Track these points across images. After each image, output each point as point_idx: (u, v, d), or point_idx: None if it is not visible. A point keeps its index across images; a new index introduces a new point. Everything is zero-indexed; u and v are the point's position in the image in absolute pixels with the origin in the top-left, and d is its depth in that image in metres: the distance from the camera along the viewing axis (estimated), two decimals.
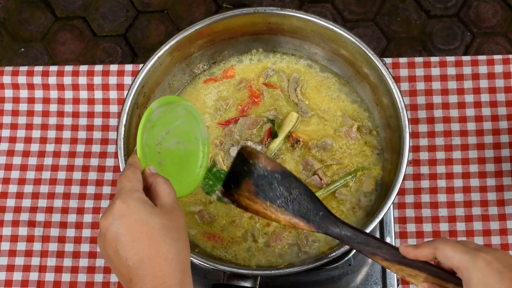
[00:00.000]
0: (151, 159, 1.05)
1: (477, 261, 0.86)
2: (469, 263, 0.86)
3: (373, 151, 1.29)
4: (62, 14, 2.38)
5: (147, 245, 0.88)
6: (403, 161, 1.15)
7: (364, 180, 1.26)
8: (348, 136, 1.29)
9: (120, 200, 0.91)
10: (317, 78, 1.35)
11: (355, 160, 1.28)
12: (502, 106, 1.52)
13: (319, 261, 1.11)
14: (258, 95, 1.33)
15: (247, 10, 1.27)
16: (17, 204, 1.51)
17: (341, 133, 1.29)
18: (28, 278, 1.47)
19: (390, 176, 1.20)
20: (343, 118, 1.31)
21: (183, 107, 1.14)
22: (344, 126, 1.30)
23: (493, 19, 2.28)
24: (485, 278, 0.84)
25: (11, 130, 1.57)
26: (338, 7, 2.33)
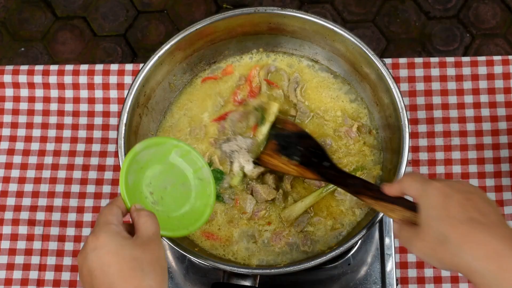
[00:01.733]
0: (141, 199, 1.02)
1: (428, 188, 0.89)
2: (421, 191, 0.90)
3: (372, 151, 1.29)
4: (62, 13, 2.38)
5: (117, 277, 0.86)
6: (402, 161, 1.15)
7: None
8: (348, 136, 1.29)
9: (92, 234, 0.89)
10: (317, 79, 1.35)
11: (355, 159, 1.28)
12: (501, 107, 1.53)
13: (319, 260, 1.11)
14: (256, 90, 1.33)
15: (248, 10, 1.27)
16: (17, 203, 1.52)
17: (341, 133, 1.29)
18: (28, 277, 1.47)
19: (390, 176, 1.20)
20: (343, 118, 1.31)
21: (176, 147, 1.10)
22: (344, 126, 1.30)
23: (492, 20, 2.28)
24: (432, 202, 0.88)
25: (12, 129, 1.57)
26: (337, 7, 2.33)
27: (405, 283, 1.44)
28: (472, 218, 0.84)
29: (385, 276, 1.32)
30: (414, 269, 1.45)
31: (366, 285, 1.33)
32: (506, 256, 0.79)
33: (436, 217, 0.86)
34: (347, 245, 1.11)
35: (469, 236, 0.82)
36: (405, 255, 1.46)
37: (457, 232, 0.83)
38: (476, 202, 0.86)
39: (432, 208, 0.87)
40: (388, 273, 1.32)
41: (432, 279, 1.44)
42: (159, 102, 1.32)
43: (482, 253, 0.81)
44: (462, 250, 0.82)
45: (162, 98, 1.32)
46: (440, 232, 0.85)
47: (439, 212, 0.86)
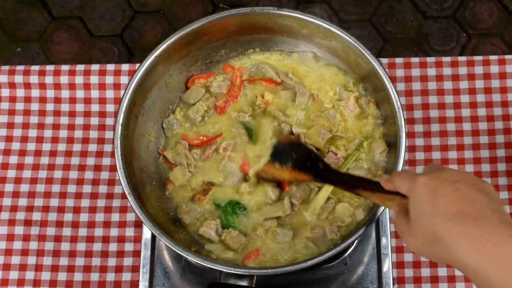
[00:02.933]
0: None
1: (415, 184, 0.88)
2: (409, 188, 0.89)
3: (376, 121, 1.29)
4: (59, 14, 2.38)
5: None
6: (399, 161, 1.15)
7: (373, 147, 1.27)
8: (348, 109, 1.29)
9: None
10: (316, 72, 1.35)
11: (360, 131, 1.28)
12: (497, 107, 1.53)
13: (315, 260, 1.11)
14: (236, 93, 1.33)
15: (244, 10, 1.27)
16: (14, 203, 1.51)
17: (341, 107, 1.29)
18: (24, 277, 1.47)
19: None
20: (340, 91, 1.31)
21: None
22: (342, 100, 1.30)
23: (489, 20, 2.28)
24: (420, 198, 0.87)
25: (8, 129, 1.57)
26: (334, 7, 2.33)
27: (402, 282, 1.44)
28: (461, 212, 0.82)
29: (381, 276, 1.32)
30: (411, 269, 1.45)
31: (363, 284, 1.33)
32: (496, 249, 0.78)
33: (424, 214, 0.85)
34: (344, 245, 1.11)
35: (457, 232, 0.81)
36: (402, 255, 1.46)
37: (446, 229, 0.82)
38: (464, 192, 0.85)
39: (420, 204, 0.87)
40: (385, 273, 1.32)
41: (428, 279, 1.44)
42: (156, 102, 1.31)
43: (471, 249, 0.79)
44: (452, 247, 0.81)
45: (159, 98, 1.32)
46: (430, 229, 0.84)
47: (427, 209, 0.85)
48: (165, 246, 1.35)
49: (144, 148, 1.29)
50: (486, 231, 0.80)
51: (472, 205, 0.83)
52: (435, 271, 1.45)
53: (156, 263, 1.35)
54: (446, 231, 0.82)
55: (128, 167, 1.18)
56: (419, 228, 0.86)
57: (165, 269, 1.34)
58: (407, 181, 0.91)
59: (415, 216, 0.87)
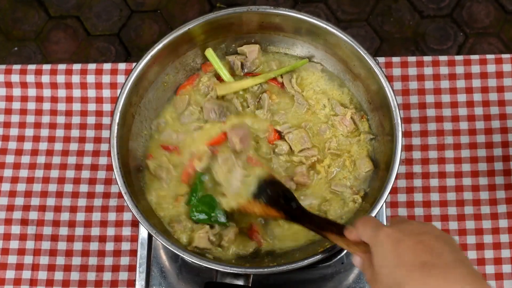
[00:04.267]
0: None
1: (378, 235, 0.88)
2: (372, 238, 0.89)
3: (366, 137, 1.29)
4: (55, 13, 2.38)
5: None
6: (395, 160, 1.15)
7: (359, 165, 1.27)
8: (343, 125, 1.29)
9: None
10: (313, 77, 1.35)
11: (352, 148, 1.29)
12: (494, 106, 1.53)
13: (312, 259, 1.11)
14: None
15: (240, 9, 1.27)
16: (10, 203, 1.51)
17: (336, 122, 1.29)
18: (21, 277, 1.47)
19: (383, 175, 1.20)
20: (335, 107, 1.31)
21: None
22: (338, 115, 1.30)
23: (486, 19, 2.28)
24: (383, 249, 0.86)
25: (4, 129, 1.57)
26: (331, 7, 2.33)
27: None
28: (425, 263, 0.81)
29: None
30: None
31: (359, 284, 1.33)
32: None
33: (387, 266, 0.85)
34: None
35: (422, 283, 0.80)
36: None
37: (411, 280, 0.81)
38: (428, 243, 0.84)
39: (383, 256, 0.86)
40: None
41: None
42: (152, 101, 1.31)
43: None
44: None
45: (155, 97, 1.32)
46: (394, 280, 0.83)
47: (390, 260, 0.84)
48: (162, 246, 1.35)
49: (140, 148, 1.29)
50: (451, 282, 0.79)
51: (437, 256, 0.82)
52: None
53: (152, 263, 1.35)
54: (411, 282, 0.81)
55: (124, 167, 1.18)
56: (383, 279, 0.86)
57: (162, 268, 1.34)
58: (370, 230, 0.90)
59: (378, 267, 0.87)
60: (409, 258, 0.82)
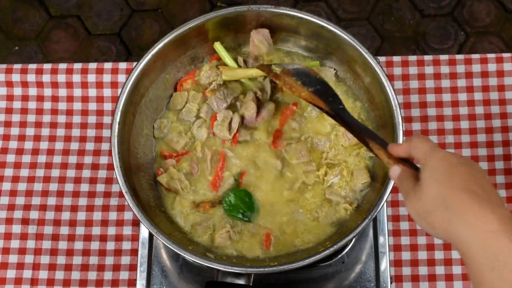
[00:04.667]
0: None
1: (436, 153, 0.89)
2: (429, 154, 0.90)
3: (367, 153, 1.29)
4: (56, 12, 2.38)
5: None
6: None
7: (356, 175, 1.27)
8: (346, 136, 1.29)
9: None
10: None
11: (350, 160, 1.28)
12: (495, 105, 1.53)
13: (313, 258, 1.11)
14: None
15: (241, 8, 1.27)
16: (11, 202, 1.51)
17: (339, 133, 1.29)
18: (22, 276, 1.47)
19: (384, 174, 1.20)
20: None
21: None
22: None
23: (486, 18, 2.28)
24: (437, 166, 0.87)
25: (5, 128, 1.57)
26: (332, 6, 2.33)
27: (400, 281, 1.44)
28: (475, 192, 0.83)
29: (379, 274, 1.32)
30: (409, 267, 1.45)
31: (360, 283, 1.33)
32: (501, 236, 0.79)
33: (439, 180, 0.86)
34: (341, 243, 1.11)
35: (469, 206, 0.82)
36: (400, 253, 1.46)
37: (458, 200, 0.82)
38: (480, 178, 0.86)
39: (436, 171, 0.87)
40: (382, 271, 1.32)
41: (426, 277, 1.44)
42: (153, 100, 1.31)
43: (479, 226, 0.80)
44: (459, 218, 0.81)
45: (156, 96, 1.32)
46: (440, 196, 0.84)
47: (443, 177, 0.86)
48: (163, 245, 1.35)
49: (141, 147, 1.29)
50: (497, 216, 0.80)
51: (487, 194, 0.84)
52: (433, 270, 1.45)
53: (153, 262, 1.35)
54: (458, 201, 0.82)
55: (125, 166, 1.18)
56: (428, 191, 0.87)
57: (163, 268, 1.34)
58: (428, 147, 0.91)
59: (428, 179, 0.88)
60: (461, 183, 0.84)
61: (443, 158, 0.88)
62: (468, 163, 0.88)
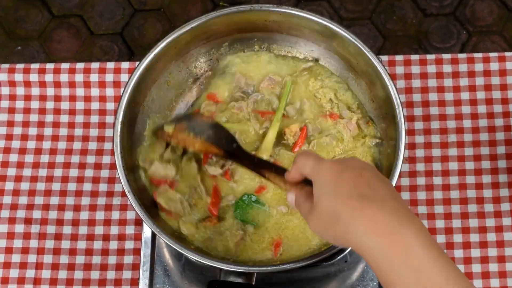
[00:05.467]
0: None
1: (321, 165, 0.89)
2: (314, 169, 0.90)
3: (371, 141, 1.29)
4: (58, 12, 2.38)
5: None
6: (399, 158, 1.15)
7: None
8: (347, 129, 1.29)
9: None
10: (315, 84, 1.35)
11: (357, 151, 1.29)
12: (498, 104, 1.53)
13: (315, 258, 1.11)
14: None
15: (243, 7, 1.27)
16: (14, 202, 1.51)
17: (340, 126, 1.29)
18: (25, 276, 1.47)
19: (386, 173, 1.20)
20: (342, 110, 1.31)
21: None
22: (344, 118, 1.30)
23: (489, 17, 2.28)
24: (324, 179, 0.87)
25: (8, 128, 1.57)
26: (334, 5, 2.33)
27: None
28: (363, 194, 0.83)
29: None
30: None
31: (363, 282, 1.33)
32: (395, 231, 0.79)
33: (327, 194, 0.86)
34: None
35: (358, 211, 0.82)
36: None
37: (347, 208, 0.83)
38: (367, 177, 0.86)
39: (324, 185, 0.87)
40: None
41: None
42: (155, 100, 1.32)
43: (371, 228, 0.80)
44: (352, 225, 0.82)
45: (158, 96, 1.32)
46: (331, 209, 0.85)
47: (330, 189, 0.86)
48: (165, 244, 1.35)
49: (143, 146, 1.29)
50: (387, 212, 0.81)
51: (374, 189, 0.84)
52: None
53: (156, 261, 1.35)
54: (347, 210, 0.83)
55: (127, 165, 1.18)
56: (321, 207, 0.87)
57: (165, 267, 1.34)
58: (312, 162, 0.91)
59: (318, 196, 0.88)
60: (349, 189, 0.84)
61: (328, 169, 0.88)
62: (354, 165, 0.88)
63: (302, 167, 0.94)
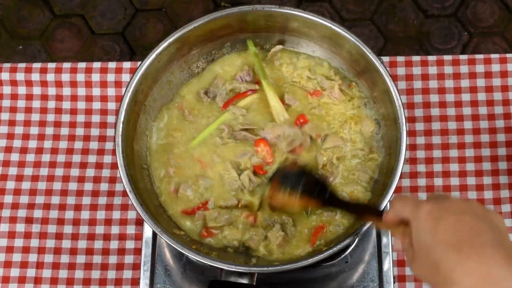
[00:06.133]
0: None
1: (418, 211, 0.87)
2: (412, 214, 0.89)
3: (361, 101, 1.30)
4: (60, 11, 2.38)
5: None
6: (400, 159, 1.15)
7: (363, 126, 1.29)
8: (332, 97, 1.30)
9: None
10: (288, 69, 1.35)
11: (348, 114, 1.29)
12: (498, 105, 1.53)
13: (316, 258, 1.11)
14: None
15: (245, 8, 1.27)
16: (15, 201, 1.52)
17: (324, 97, 1.30)
18: (26, 275, 1.47)
19: (387, 174, 1.20)
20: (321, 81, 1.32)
21: None
22: (326, 89, 1.31)
23: (490, 19, 2.28)
24: (422, 225, 0.86)
25: (9, 127, 1.57)
26: (336, 6, 2.33)
27: (403, 281, 1.44)
28: (462, 242, 0.81)
29: (382, 274, 1.32)
30: None
31: (364, 283, 1.33)
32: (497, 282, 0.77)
33: (425, 242, 0.85)
34: (345, 243, 1.11)
35: (458, 264, 0.80)
36: (403, 253, 1.46)
37: (447, 259, 0.81)
38: (467, 222, 0.83)
39: (422, 232, 0.86)
40: (386, 271, 1.32)
41: None
42: (157, 100, 1.32)
43: (472, 282, 0.79)
44: (453, 278, 0.80)
45: (160, 96, 1.32)
46: (431, 258, 0.84)
47: (428, 237, 0.84)
48: (166, 244, 1.35)
49: (145, 146, 1.29)
50: (488, 263, 0.79)
51: (475, 236, 0.82)
52: None
53: (157, 261, 1.35)
54: (446, 261, 0.81)
55: (129, 165, 1.18)
56: (422, 256, 0.86)
57: (166, 267, 1.34)
58: (409, 206, 0.90)
59: (417, 245, 0.87)
60: (447, 237, 0.82)
61: (426, 215, 0.86)
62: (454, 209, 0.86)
63: (401, 211, 0.92)
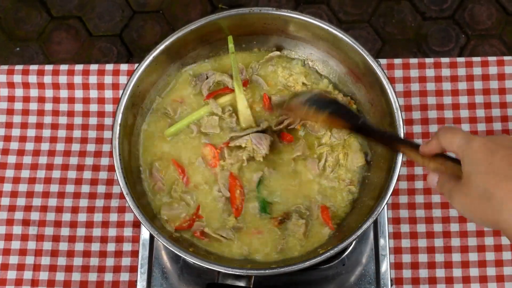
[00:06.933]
0: None
1: (471, 142, 0.88)
2: (464, 145, 0.89)
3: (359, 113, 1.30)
4: (58, 13, 2.38)
5: None
6: (397, 161, 1.15)
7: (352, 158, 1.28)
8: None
9: None
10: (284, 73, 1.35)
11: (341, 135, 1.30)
12: (496, 108, 1.53)
13: (313, 261, 1.11)
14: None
15: (243, 10, 1.27)
16: (12, 203, 1.51)
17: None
18: (22, 277, 1.47)
19: (385, 176, 1.20)
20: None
21: None
22: None
23: (488, 21, 2.28)
24: (476, 157, 0.86)
25: (6, 129, 1.57)
26: (333, 8, 2.33)
27: (400, 283, 1.44)
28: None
29: (379, 277, 1.32)
30: (409, 270, 1.45)
31: (361, 285, 1.33)
32: None
33: (481, 172, 0.85)
34: (342, 246, 1.11)
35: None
36: (400, 256, 1.46)
37: (502, 189, 0.82)
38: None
39: (476, 163, 0.86)
40: (383, 274, 1.32)
41: (426, 280, 1.44)
42: (154, 102, 1.31)
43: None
44: (506, 206, 0.81)
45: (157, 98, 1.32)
46: (484, 188, 0.84)
47: (484, 168, 0.85)
48: (163, 246, 1.35)
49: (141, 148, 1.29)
50: None
51: None
52: (433, 272, 1.45)
53: (154, 263, 1.35)
54: (501, 190, 0.82)
55: (126, 167, 1.18)
56: (472, 186, 0.86)
57: (163, 269, 1.34)
58: (460, 139, 0.90)
59: (469, 174, 0.87)
60: (503, 168, 0.83)
61: (480, 147, 0.87)
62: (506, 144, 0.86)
63: (448, 143, 0.92)
